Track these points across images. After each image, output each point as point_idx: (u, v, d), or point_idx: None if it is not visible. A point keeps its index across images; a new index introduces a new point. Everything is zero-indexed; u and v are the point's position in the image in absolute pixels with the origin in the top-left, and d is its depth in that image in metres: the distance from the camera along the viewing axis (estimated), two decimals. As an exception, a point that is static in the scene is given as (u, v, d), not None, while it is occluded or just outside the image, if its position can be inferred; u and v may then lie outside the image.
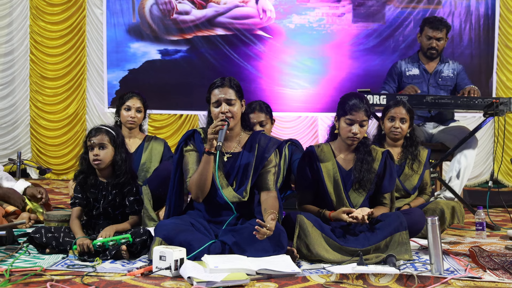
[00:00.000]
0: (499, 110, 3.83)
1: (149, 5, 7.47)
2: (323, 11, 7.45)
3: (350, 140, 2.96)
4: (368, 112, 2.95)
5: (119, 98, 3.74)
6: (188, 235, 2.58)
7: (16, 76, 7.45)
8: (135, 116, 3.66)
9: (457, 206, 3.29)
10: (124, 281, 2.28)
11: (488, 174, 7.16)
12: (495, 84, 7.27)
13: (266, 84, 7.44)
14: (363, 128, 2.95)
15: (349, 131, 2.93)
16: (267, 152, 2.82)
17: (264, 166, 2.81)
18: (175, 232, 2.58)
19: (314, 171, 3.02)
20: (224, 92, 2.75)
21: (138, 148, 3.71)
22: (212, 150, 2.67)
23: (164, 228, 2.62)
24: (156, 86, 7.32)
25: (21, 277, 2.27)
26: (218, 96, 2.75)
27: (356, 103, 2.92)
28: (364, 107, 2.92)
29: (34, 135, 7.48)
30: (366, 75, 7.26)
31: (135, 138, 3.73)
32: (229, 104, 2.76)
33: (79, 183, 2.94)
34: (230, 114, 2.74)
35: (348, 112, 2.92)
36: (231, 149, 2.85)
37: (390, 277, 2.37)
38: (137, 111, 3.68)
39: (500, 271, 2.50)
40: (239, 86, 2.83)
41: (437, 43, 4.48)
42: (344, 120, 2.95)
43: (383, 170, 3.03)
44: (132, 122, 3.67)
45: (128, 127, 3.69)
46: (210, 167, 2.69)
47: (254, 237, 2.48)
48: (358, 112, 2.90)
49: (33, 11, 7.40)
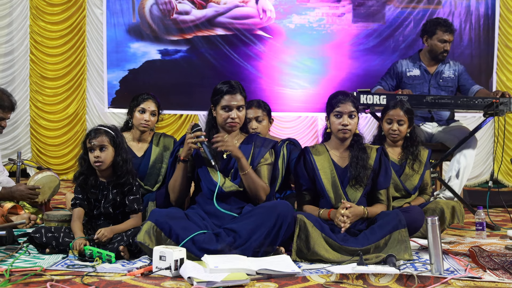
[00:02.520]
0: (499, 110, 3.83)
1: (149, 5, 7.47)
2: (323, 11, 7.45)
3: (341, 133, 2.99)
4: (355, 103, 3.02)
5: (133, 98, 3.59)
6: (180, 222, 2.63)
7: (16, 76, 7.45)
8: (149, 120, 3.51)
9: (457, 206, 3.29)
10: (124, 281, 2.28)
11: (488, 174, 7.16)
12: (495, 84, 7.28)
13: (266, 84, 7.44)
14: (353, 119, 2.99)
15: (339, 124, 2.98)
16: (264, 148, 2.93)
17: (260, 162, 2.90)
18: (168, 218, 2.63)
19: (311, 171, 3.05)
20: (236, 99, 2.87)
21: (146, 151, 3.56)
22: (183, 158, 2.83)
23: (158, 213, 2.67)
24: (156, 86, 7.31)
25: (21, 277, 2.27)
26: (231, 103, 2.86)
27: (341, 96, 3.02)
28: (350, 99, 3.00)
29: (34, 135, 7.48)
30: (366, 75, 7.26)
31: (145, 143, 3.59)
32: (239, 110, 2.88)
33: (80, 184, 2.94)
34: (238, 120, 2.88)
35: (335, 105, 3.00)
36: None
37: (390, 277, 2.37)
38: (152, 114, 3.53)
39: (500, 271, 2.50)
40: (245, 92, 2.96)
41: (448, 46, 4.48)
42: (333, 115, 3.01)
43: (379, 166, 3.06)
44: (145, 125, 3.51)
45: (141, 130, 3.54)
46: (182, 173, 2.87)
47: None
48: (344, 103, 2.98)
49: (33, 11, 7.40)
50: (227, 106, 2.86)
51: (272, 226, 2.62)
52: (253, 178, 2.83)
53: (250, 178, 2.82)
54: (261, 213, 2.65)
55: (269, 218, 2.63)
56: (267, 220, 2.62)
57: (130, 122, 3.58)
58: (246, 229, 2.61)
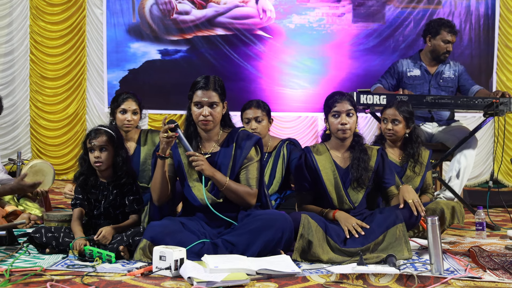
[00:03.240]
0: (499, 110, 3.83)
1: (149, 5, 7.47)
2: (323, 11, 7.45)
3: (341, 132, 2.98)
4: (352, 102, 3.01)
5: (113, 100, 3.60)
6: (176, 236, 2.57)
7: (16, 76, 7.45)
8: (132, 119, 3.51)
9: (457, 206, 3.29)
10: (124, 281, 2.28)
11: (488, 174, 7.16)
12: (495, 84, 7.28)
13: (266, 84, 7.45)
14: (351, 118, 2.98)
15: (338, 123, 2.97)
16: (246, 148, 2.78)
17: (243, 164, 2.79)
18: (163, 234, 2.56)
19: (312, 171, 3.04)
20: (208, 95, 2.72)
21: (135, 151, 3.57)
22: (162, 154, 2.69)
23: (152, 230, 2.60)
24: (156, 86, 7.32)
25: (21, 277, 2.27)
26: (201, 99, 2.72)
27: (337, 96, 3.01)
28: (346, 98, 3.00)
29: (34, 135, 7.48)
30: (366, 75, 7.26)
31: (132, 141, 3.58)
32: (211, 107, 2.74)
33: (80, 184, 2.94)
34: (211, 117, 2.73)
35: (332, 105, 2.99)
36: (210, 149, 2.83)
37: (390, 277, 2.37)
38: (133, 113, 3.52)
39: (500, 271, 2.50)
40: (223, 88, 2.80)
41: (451, 47, 4.49)
42: (331, 115, 3.00)
43: (382, 166, 3.07)
44: (128, 125, 3.51)
45: (125, 130, 3.53)
46: (161, 171, 2.71)
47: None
48: (341, 102, 2.97)
49: (33, 11, 7.40)
50: (198, 103, 2.72)
51: (270, 239, 2.57)
52: (233, 190, 2.71)
53: (230, 191, 2.71)
54: (258, 227, 2.58)
55: (267, 231, 2.57)
56: (265, 234, 2.57)
57: (114, 123, 3.55)
58: (243, 244, 2.57)
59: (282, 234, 2.59)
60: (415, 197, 2.86)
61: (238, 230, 2.64)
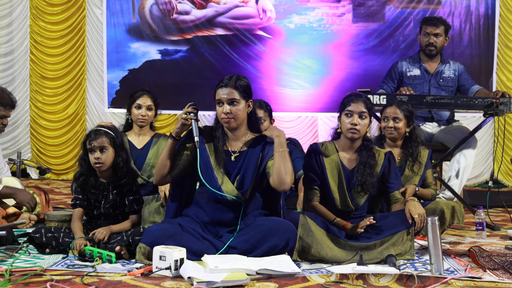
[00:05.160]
0: (499, 110, 3.83)
1: (149, 5, 7.47)
2: (323, 11, 7.45)
3: (350, 132, 2.97)
4: (367, 105, 2.99)
5: (129, 96, 3.77)
6: (175, 241, 2.55)
7: (16, 76, 7.45)
8: (146, 114, 3.69)
9: (457, 206, 3.29)
10: (124, 281, 2.28)
11: (488, 174, 7.16)
12: (495, 84, 7.28)
13: (266, 84, 7.45)
14: (363, 120, 2.97)
15: (349, 123, 2.96)
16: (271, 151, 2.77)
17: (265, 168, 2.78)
18: (161, 239, 2.54)
19: (319, 168, 3.04)
20: (227, 92, 2.73)
21: (146, 145, 3.72)
22: (174, 134, 2.75)
23: (151, 234, 2.59)
24: (156, 86, 7.31)
25: (21, 277, 2.27)
26: (221, 96, 2.75)
27: (354, 96, 3.01)
28: (362, 99, 2.99)
29: (34, 135, 7.48)
30: (366, 75, 7.27)
31: (144, 136, 3.76)
32: (231, 104, 2.74)
33: (80, 185, 2.94)
34: (231, 115, 2.74)
35: (347, 104, 2.99)
36: (237, 148, 2.83)
37: (390, 277, 2.37)
38: (148, 109, 3.71)
39: (500, 271, 2.50)
40: (246, 86, 2.78)
41: (435, 40, 4.47)
42: (344, 114, 3.00)
43: (388, 170, 3.07)
44: (142, 120, 3.70)
45: (139, 125, 3.73)
46: (169, 152, 2.76)
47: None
48: (356, 103, 2.96)
49: (33, 11, 7.40)
50: (219, 100, 2.76)
51: (273, 246, 2.56)
52: (288, 158, 2.67)
53: (285, 158, 2.66)
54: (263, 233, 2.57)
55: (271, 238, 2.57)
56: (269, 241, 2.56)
57: (130, 119, 3.76)
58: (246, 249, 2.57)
59: (288, 239, 2.59)
60: (421, 212, 2.82)
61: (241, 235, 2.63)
